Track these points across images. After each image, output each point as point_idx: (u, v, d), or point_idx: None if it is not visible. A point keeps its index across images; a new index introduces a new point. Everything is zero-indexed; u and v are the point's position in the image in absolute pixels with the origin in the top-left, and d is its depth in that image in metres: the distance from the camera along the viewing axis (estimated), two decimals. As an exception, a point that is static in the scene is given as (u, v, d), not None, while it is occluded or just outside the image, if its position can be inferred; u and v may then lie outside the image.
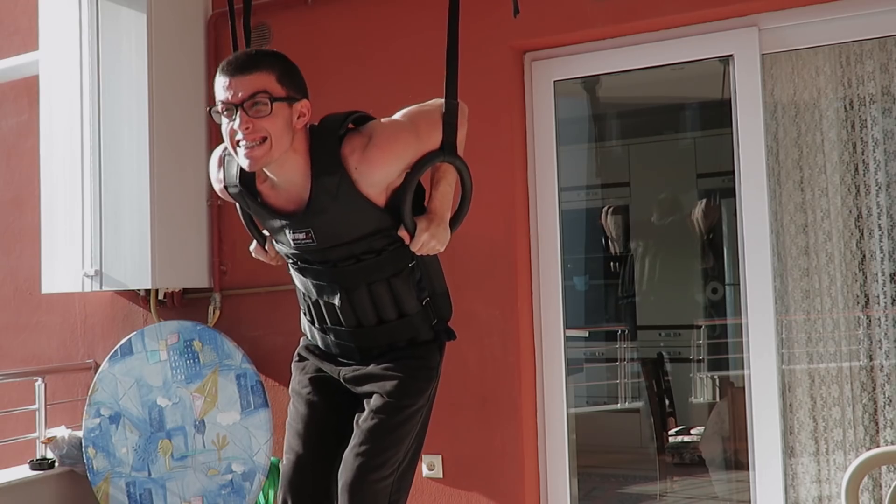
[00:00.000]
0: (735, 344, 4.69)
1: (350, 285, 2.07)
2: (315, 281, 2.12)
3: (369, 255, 2.06)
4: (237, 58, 1.95)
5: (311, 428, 2.21)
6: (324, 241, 2.03)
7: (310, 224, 2.01)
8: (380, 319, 2.11)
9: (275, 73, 1.94)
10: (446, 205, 2.11)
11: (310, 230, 2.02)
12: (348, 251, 2.05)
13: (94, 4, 3.79)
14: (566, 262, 3.51)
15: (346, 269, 2.06)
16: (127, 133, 3.70)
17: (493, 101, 3.39)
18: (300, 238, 2.04)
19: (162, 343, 3.68)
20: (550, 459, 3.40)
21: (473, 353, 3.38)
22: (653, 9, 3.16)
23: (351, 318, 2.11)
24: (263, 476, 3.50)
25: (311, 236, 2.02)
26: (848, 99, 3.10)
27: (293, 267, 2.18)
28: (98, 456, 3.70)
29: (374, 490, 2.07)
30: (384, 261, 2.07)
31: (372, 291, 2.08)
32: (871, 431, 3.02)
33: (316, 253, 2.07)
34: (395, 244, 2.07)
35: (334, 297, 2.09)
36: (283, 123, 1.93)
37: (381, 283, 2.08)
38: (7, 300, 4.49)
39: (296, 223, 2.03)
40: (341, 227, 2.02)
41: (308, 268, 2.12)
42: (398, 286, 2.10)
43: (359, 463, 2.06)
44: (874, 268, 3.03)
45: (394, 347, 2.14)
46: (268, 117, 1.90)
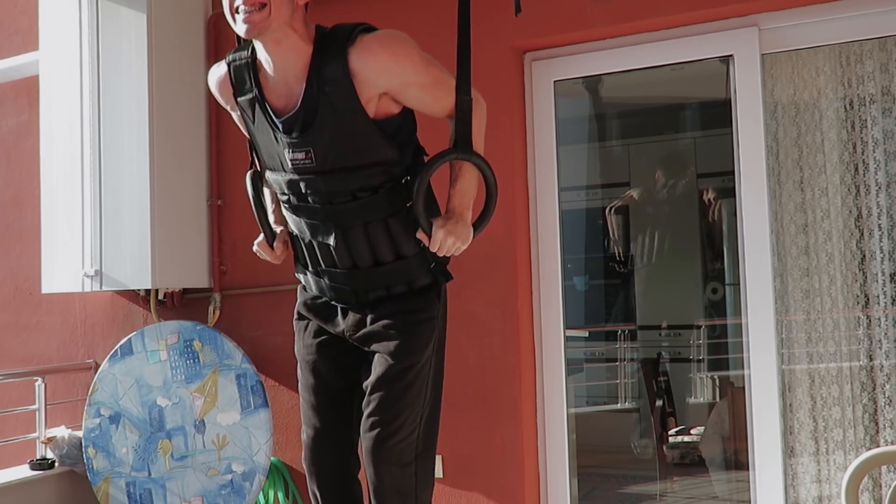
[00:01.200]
0: (735, 344, 4.69)
1: (346, 224, 2.03)
2: (309, 220, 2.06)
3: (365, 192, 2.01)
4: None
5: (323, 398, 2.21)
6: (323, 161, 1.98)
7: (309, 143, 1.97)
8: (376, 261, 2.06)
9: None
10: (465, 202, 2.06)
11: (310, 149, 1.97)
12: (344, 184, 2.00)
13: (94, 4, 3.79)
14: (566, 262, 3.51)
15: (342, 206, 2.02)
16: (127, 133, 3.70)
17: (493, 101, 3.36)
18: (299, 158, 1.99)
19: (162, 343, 3.68)
20: (550, 459, 3.40)
21: (473, 353, 3.38)
22: (653, 9, 3.16)
23: (346, 259, 2.06)
24: (263, 476, 3.50)
25: (310, 156, 1.97)
26: (848, 99, 3.10)
27: (287, 207, 2.12)
28: (98, 456, 3.70)
29: (399, 450, 2.08)
30: (381, 199, 2.02)
31: (368, 231, 2.03)
32: (871, 431, 3.02)
33: (313, 181, 2.01)
34: (392, 182, 2.03)
35: (329, 238, 2.04)
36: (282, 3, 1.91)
37: (378, 222, 2.03)
38: (7, 300, 4.49)
39: (295, 142, 1.98)
40: (340, 145, 1.97)
41: (303, 206, 2.06)
42: (395, 227, 2.04)
43: (376, 433, 2.06)
44: (874, 268, 3.03)
45: (391, 294, 2.09)
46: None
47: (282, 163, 2.05)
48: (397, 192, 2.04)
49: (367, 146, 1.99)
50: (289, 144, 1.99)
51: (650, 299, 6.15)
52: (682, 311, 5.95)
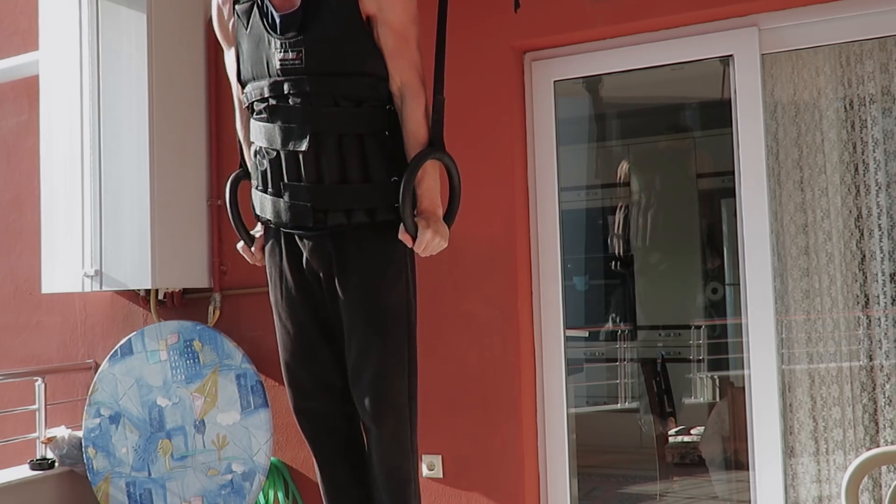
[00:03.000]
0: (735, 344, 4.69)
1: (322, 130, 2.03)
2: (285, 124, 2.05)
3: (349, 101, 2.04)
4: None
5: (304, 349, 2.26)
6: (312, 63, 2.01)
7: (303, 43, 2.00)
8: (343, 177, 2.05)
9: None
10: (435, 201, 2.11)
11: (301, 49, 2.00)
12: (330, 87, 2.02)
13: (94, 4, 3.79)
14: (566, 262, 3.51)
15: (323, 110, 2.03)
16: (127, 133, 3.70)
17: (493, 101, 3.39)
18: (289, 59, 2.02)
19: (162, 343, 3.68)
20: (550, 459, 3.40)
21: (473, 353, 3.38)
22: (653, 9, 3.16)
23: (313, 171, 2.05)
24: (263, 476, 3.51)
25: (300, 56, 2.00)
26: (848, 99, 3.10)
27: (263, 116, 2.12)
28: (98, 456, 3.70)
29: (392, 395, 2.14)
30: (362, 114, 2.05)
31: (342, 144, 2.04)
32: (871, 431, 3.02)
33: (299, 82, 2.03)
34: (376, 101, 2.06)
35: (302, 143, 2.03)
36: None
37: (353, 138, 2.04)
38: (7, 300, 4.49)
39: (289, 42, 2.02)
40: (333, 47, 2.01)
41: (282, 107, 2.06)
42: (369, 147, 2.06)
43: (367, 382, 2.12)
44: (874, 268, 3.03)
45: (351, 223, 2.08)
46: None
47: (268, 66, 2.07)
48: (379, 114, 2.07)
49: (358, 53, 2.02)
50: (281, 45, 2.03)
51: (650, 299, 6.16)
52: (682, 311, 5.96)
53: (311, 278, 2.19)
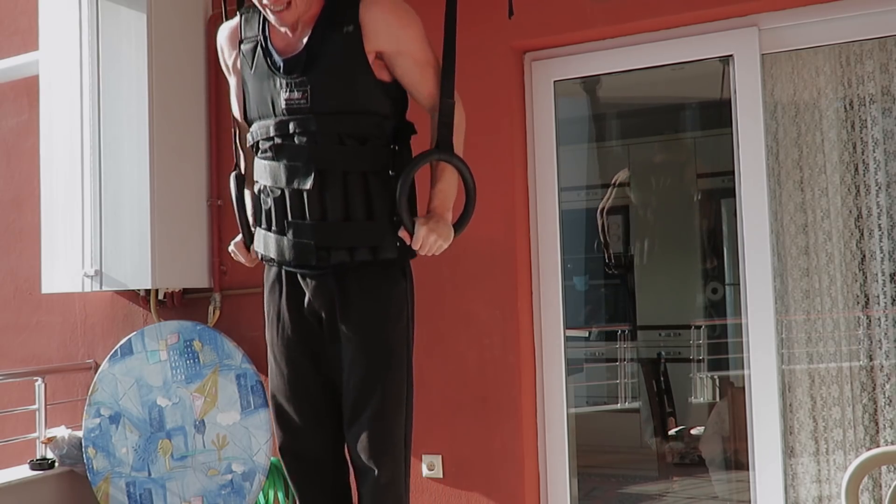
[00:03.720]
0: (735, 344, 4.69)
1: (327, 168, 2.03)
2: (290, 162, 2.06)
3: (354, 139, 2.05)
4: None
5: (299, 388, 2.22)
6: (317, 103, 2.02)
7: (308, 82, 2.02)
8: (347, 215, 2.05)
9: None
10: (446, 203, 2.09)
11: (307, 89, 2.02)
12: (335, 126, 2.04)
13: (94, 4, 3.79)
14: (566, 262, 3.51)
15: (328, 149, 2.04)
16: (127, 133, 3.70)
17: (493, 101, 3.39)
18: (295, 98, 2.03)
19: (162, 343, 3.68)
20: (550, 459, 3.40)
21: (473, 353, 3.38)
22: (653, 9, 3.16)
23: (317, 208, 2.05)
24: (263, 476, 3.51)
25: (306, 96, 2.02)
26: (848, 99, 3.10)
27: (268, 154, 2.12)
28: (98, 456, 3.70)
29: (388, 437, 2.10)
30: (366, 152, 2.06)
31: (346, 182, 2.05)
32: (871, 431, 3.02)
33: (304, 121, 2.04)
34: (380, 139, 2.08)
35: (307, 181, 2.03)
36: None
37: (358, 175, 2.05)
38: (7, 300, 4.49)
39: (294, 82, 2.04)
40: (338, 87, 2.03)
41: (287, 145, 2.07)
42: (373, 185, 2.06)
43: (362, 422, 2.08)
44: (874, 268, 3.03)
45: (354, 261, 2.07)
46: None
47: (274, 106, 2.08)
48: (383, 152, 2.08)
49: (362, 92, 2.04)
50: (287, 85, 2.04)
51: (650, 299, 6.16)
52: (682, 311, 5.96)
53: (311, 319, 2.17)
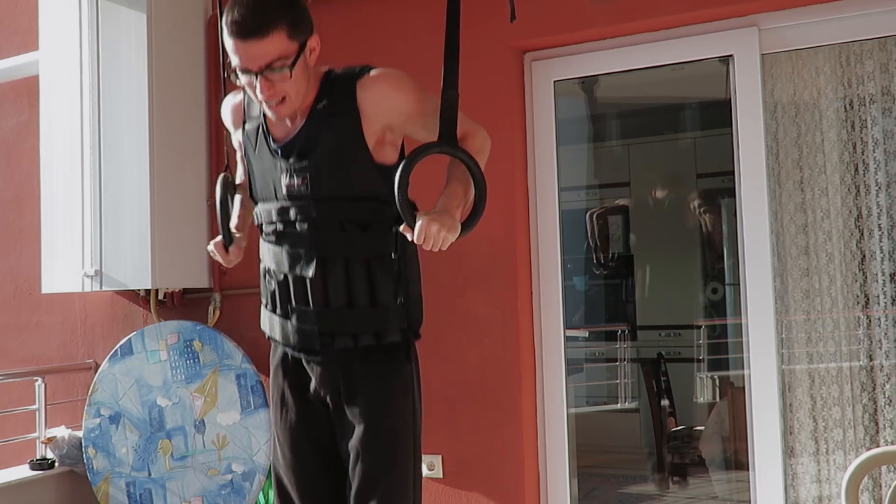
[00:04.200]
0: (735, 344, 4.69)
1: (329, 255, 2.02)
2: (292, 249, 2.05)
3: (355, 226, 2.02)
4: (244, 19, 1.89)
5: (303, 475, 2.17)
6: (317, 189, 2.00)
7: (308, 168, 2.00)
8: (350, 301, 2.03)
9: (286, 28, 1.93)
10: (452, 203, 2.00)
11: (306, 175, 1.99)
12: (336, 213, 2.01)
13: (94, 4, 3.79)
14: (566, 262, 3.51)
15: (329, 236, 2.02)
16: (127, 133, 3.70)
17: (493, 101, 3.39)
18: (295, 184, 2.01)
19: (162, 343, 3.68)
20: (550, 459, 3.40)
21: (473, 353, 3.38)
22: (653, 9, 3.16)
23: (320, 295, 2.03)
24: (263, 476, 3.51)
25: (305, 182, 1.99)
26: (848, 99, 3.10)
27: (271, 238, 2.11)
28: (98, 456, 3.70)
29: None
30: (368, 238, 2.03)
31: (349, 269, 2.02)
32: (871, 431, 3.02)
33: (305, 207, 2.02)
34: (382, 224, 2.04)
35: (309, 268, 2.02)
36: (300, 74, 1.98)
37: (360, 262, 2.03)
38: (7, 300, 4.49)
39: (293, 168, 2.01)
40: (337, 173, 2.00)
41: (289, 232, 2.05)
42: (376, 272, 2.04)
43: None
44: (874, 268, 3.03)
45: (358, 346, 2.05)
46: (285, 77, 1.94)
47: (276, 190, 2.07)
48: (385, 236, 2.05)
49: (362, 178, 2.01)
50: (286, 170, 2.02)
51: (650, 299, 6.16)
52: (682, 311, 5.96)
53: (316, 403, 2.15)
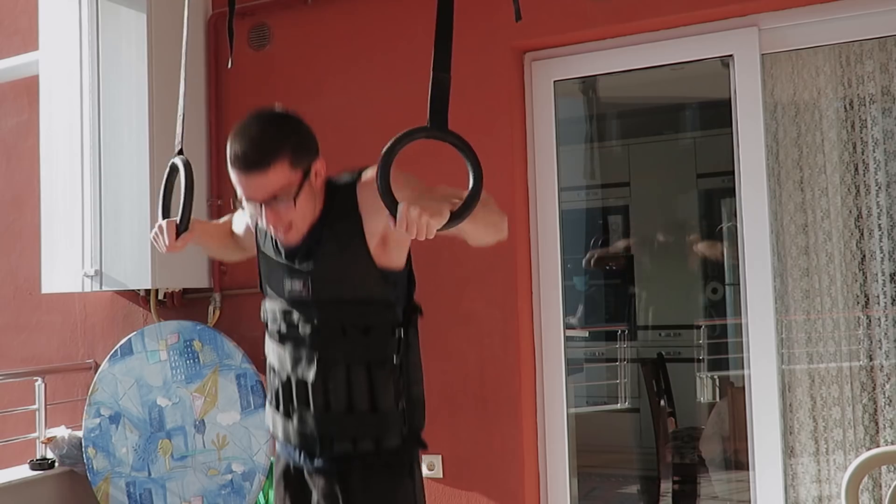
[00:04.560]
0: (735, 344, 4.69)
1: (329, 359, 2.01)
2: (294, 350, 2.06)
3: (356, 330, 2.01)
4: (246, 152, 1.87)
5: None
6: (318, 293, 2.00)
7: (309, 273, 1.99)
8: (350, 406, 2.01)
9: (288, 157, 1.89)
10: (437, 196, 1.89)
11: (307, 279, 2.00)
12: (337, 316, 2.01)
13: (94, 4, 3.79)
14: (566, 262, 3.51)
15: (330, 340, 2.01)
16: (127, 133, 3.70)
17: (493, 101, 3.39)
18: (296, 289, 2.02)
19: (162, 343, 3.68)
20: (550, 459, 3.40)
21: (473, 353, 3.38)
22: (653, 9, 3.16)
23: (321, 399, 2.02)
24: (263, 476, 3.51)
25: (307, 286, 2.00)
26: (848, 99, 3.10)
27: (275, 338, 2.12)
28: (98, 456, 3.70)
29: None
30: (370, 342, 2.02)
31: (350, 373, 2.01)
32: (871, 431, 3.02)
33: (306, 311, 2.03)
34: (383, 328, 2.03)
35: (310, 371, 2.02)
36: (305, 200, 1.94)
37: (361, 367, 2.01)
38: (7, 300, 4.49)
39: (295, 270, 2.01)
40: (338, 276, 1.99)
41: (291, 335, 2.06)
42: (377, 377, 2.02)
43: None
44: (874, 268, 3.03)
45: (357, 452, 2.03)
46: (289, 205, 1.91)
47: (280, 291, 2.08)
48: (387, 340, 2.03)
49: (364, 281, 2.00)
50: (288, 272, 2.03)
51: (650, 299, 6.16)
52: (682, 311, 5.96)
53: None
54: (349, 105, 3.68)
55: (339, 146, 3.74)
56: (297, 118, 1.98)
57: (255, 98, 3.88)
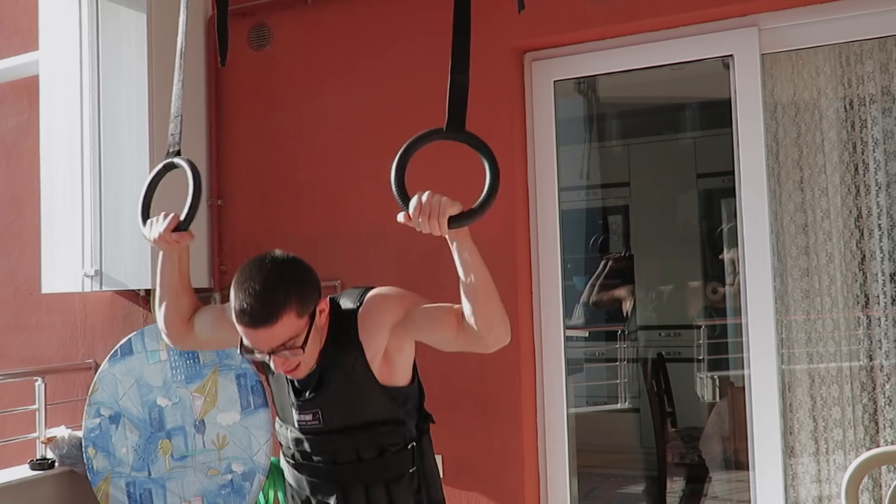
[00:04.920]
0: (735, 344, 4.69)
1: (347, 485, 2.04)
2: (311, 478, 2.09)
3: (371, 454, 2.03)
4: (252, 309, 1.86)
5: None
6: (330, 422, 2.01)
7: (318, 404, 2.01)
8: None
9: (294, 310, 1.88)
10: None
11: (318, 411, 2.01)
12: (351, 444, 2.03)
13: (94, 4, 3.79)
14: (566, 262, 3.51)
15: (346, 468, 2.04)
16: (127, 133, 3.70)
17: (493, 101, 3.39)
18: (307, 420, 2.03)
19: (162, 343, 3.68)
20: (550, 459, 3.40)
21: (473, 352, 3.38)
22: (653, 9, 3.16)
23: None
24: (263, 476, 3.51)
25: (317, 417, 2.01)
26: (848, 99, 3.10)
27: (289, 462, 2.15)
28: (98, 456, 3.70)
29: None
30: (385, 463, 2.04)
31: (369, 494, 2.04)
32: (871, 431, 3.02)
33: (319, 441, 2.05)
34: (397, 446, 2.05)
35: (330, 498, 2.05)
36: (312, 342, 1.94)
37: (380, 486, 2.04)
38: (7, 300, 4.49)
39: (305, 402, 2.02)
40: (348, 404, 2.01)
41: (306, 464, 2.09)
42: (396, 493, 2.04)
43: None
44: (874, 268, 3.03)
45: None
46: (296, 352, 1.90)
47: (291, 420, 2.09)
48: (403, 457, 2.05)
49: (371, 406, 2.01)
50: (297, 406, 2.03)
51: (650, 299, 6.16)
52: (682, 311, 5.96)
53: None
54: (349, 105, 3.68)
55: (339, 146, 3.75)
56: (298, 262, 1.98)
57: (255, 98, 3.88)
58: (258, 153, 3.86)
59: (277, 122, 3.83)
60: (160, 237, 2.11)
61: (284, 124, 3.81)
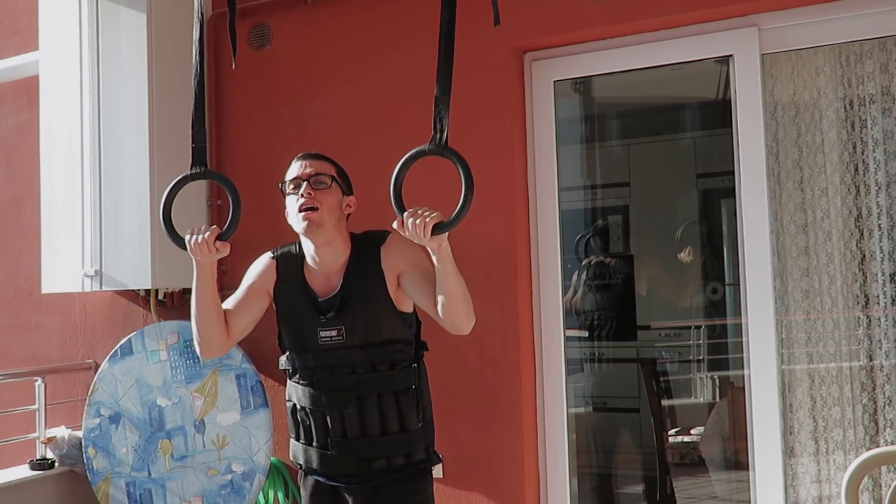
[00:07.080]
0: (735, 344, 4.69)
1: (364, 393, 2.33)
2: (331, 391, 2.35)
3: (385, 366, 2.35)
4: (309, 152, 2.44)
5: None
6: (352, 337, 2.32)
7: (342, 321, 2.32)
8: (383, 430, 2.35)
9: (335, 168, 2.42)
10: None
11: (342, 327, 2.32)
12: (369, 356, 2.33)
13: (94, 4, 3.79)
14: (566, 262, 3.51)
15: (364, 377, 2.34)
16: (127, 133, 3.70)
17: (493, 101, 3.39)
18: (331, 336, 2.33)
19: (162, 343, 3.68)
20: (550, 459, 3.40)
21: (473, 353, 3.39)
22: (653, 9, 3.16)
23: (356, 427, 2.34)
24: (263, 476, 3.51)
25: (341, 333, 2.32)
26: (848, 99, 3.10)
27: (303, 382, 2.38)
28: (98, 456, 3.70)
29: None
30: (396, 375, 2.36)
31: (381, 403, 2.35)
32: (871, 431, 3.02)
33: (341, 354, 2.33)
34: (406, 362, 2.38)
35: (348, 406, 2.34)
36: (335, 201, 2.36)
37: (390, 396, 2.35)
38: (7, 300, 4.49)
39: (330, 319, 2.33)
40: (368, 322, 2.32)
41: (327, 377, 2.35)
42: (403, 402, 2.37)
43: None
44: (874, 268, 3.03)
45: (391, 466, 2.36)
46: (326, 191, 2.34)
47: (312, 340, 2.36)
48: (408, 372, 2.39)
49: (389, 325, 2.35)
50: (323, 323, 2.34)
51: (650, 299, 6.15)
52: (681, 311, 5.95)
53: None
54: (349, 105, 3.68)
55: (339, 146, 3.74)
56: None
57: (255, 98, 3.88)
58: (258, 153, 3.86)
59: (277, 122, 3.83)
60: (204, 242, 2.33)
61: (284, 124, 3.81)
